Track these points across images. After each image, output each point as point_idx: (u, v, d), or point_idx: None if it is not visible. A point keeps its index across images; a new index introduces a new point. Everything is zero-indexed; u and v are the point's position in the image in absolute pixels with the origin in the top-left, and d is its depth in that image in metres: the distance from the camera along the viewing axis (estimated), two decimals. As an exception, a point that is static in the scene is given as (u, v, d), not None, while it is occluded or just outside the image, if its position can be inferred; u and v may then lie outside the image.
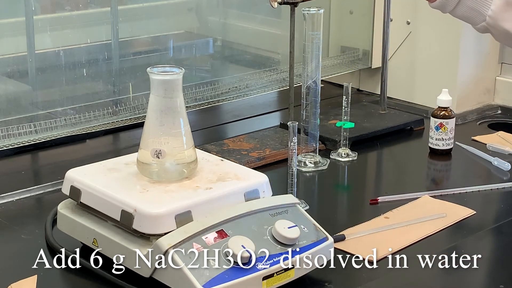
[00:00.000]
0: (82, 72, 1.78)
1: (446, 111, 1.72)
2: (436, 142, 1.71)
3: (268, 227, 1.13)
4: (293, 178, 1.35)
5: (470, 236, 1.35)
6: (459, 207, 1.43)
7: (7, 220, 1.37)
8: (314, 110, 1.61)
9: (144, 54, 1.94)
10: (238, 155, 1.63)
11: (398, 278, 1.20)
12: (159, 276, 1.08)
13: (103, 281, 1.15)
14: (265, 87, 2.02)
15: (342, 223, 1.38)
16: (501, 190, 1.53)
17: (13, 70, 1.71)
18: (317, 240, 1.15)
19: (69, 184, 1.21)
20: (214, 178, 1.20)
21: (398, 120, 1.90)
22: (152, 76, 1.17)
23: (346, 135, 1.68)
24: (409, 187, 1.54)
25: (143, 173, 1.19)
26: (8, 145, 1.59)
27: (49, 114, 1.70)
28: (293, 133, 1.31)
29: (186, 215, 1.10)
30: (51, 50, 1.76)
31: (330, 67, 2.14)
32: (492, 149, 1.74)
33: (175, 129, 1.18)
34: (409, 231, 1.33)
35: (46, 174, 1.60)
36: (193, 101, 1.88)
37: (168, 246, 1.06)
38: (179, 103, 1.18)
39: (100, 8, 1.85)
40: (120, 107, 1.77)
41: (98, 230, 1.16)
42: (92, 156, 1.61)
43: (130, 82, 1.83)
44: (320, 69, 1.58)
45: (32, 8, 1.67)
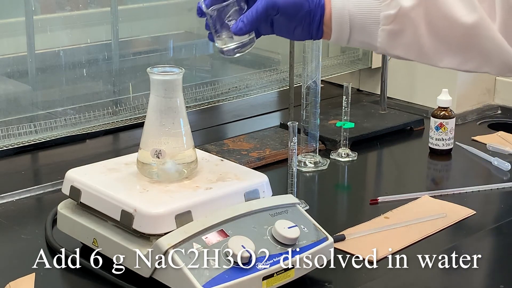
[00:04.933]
0: (82, 72, 1.78)
1: (446, 111, 1.72)
2: (436, 142, 1.71)
3: (268, 227, 1.13)
4: (293, 178, 1.35)
5: (470, 236, 1.35)
6: (459, 207, 1.43)
7: (7, 220, 1.37)
8: (314, 110, 1.60)
9: (144, 54, 1.94)
10: (238, 155, 1.63)
11: (398, 278, 1.20)
12: (159, 276, 1.08)
13: (103, 281, 1.15)
14: (265, 87, 2.02)
15: (342, 223, 1.38)
16: (501, 190, 1.53)
17: (13, 70, 1.70)
18: (317, 240, 1.15)
19: (69, 184, 1.21)
20: (214, 178, 1.20)
21: (398, 120, 1.90)
22: (152, 76, 1.17)
23: (346, 135, 1.68)
24: (409, 187, 1.54)
25: (143, 173, 1.19)
26: (8, 145, 1.59)
27: (49, 114, 1.70)
28: (293, 133, 1.31)
29: (186, 215, 1.10)
30: (51, 50, 1.75)
31: (330, 67, 2.14)
32: (492, 149, 1.74)
33: (175, 129, 1.18)
34: (409, 231, 1.33)
35: (46, 174, 1.60)
36: (193, 101, 1.88)
37: (168, 246, 1.06)
38: (179, 103, 1.18)
39: (100, 8, 1.85)
40: (120, 107, 1.77)
41: (98, 230, 1.16)
42: (92, 156, 1.61)
43: (130, 82, 1.83)
44: (320, 69, 1.58)
45: (32, 8, 1.67)
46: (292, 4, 1.09)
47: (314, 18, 1.10)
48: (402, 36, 1.08)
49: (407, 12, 1.06)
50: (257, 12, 1.10)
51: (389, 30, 1.08)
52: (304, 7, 1.09)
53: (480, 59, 1.08)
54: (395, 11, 1.06)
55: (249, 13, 1.11)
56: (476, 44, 1.06)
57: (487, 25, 1.04)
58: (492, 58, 1.07)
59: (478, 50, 1.07)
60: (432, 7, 1.06)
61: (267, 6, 1.09)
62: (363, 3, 1.08)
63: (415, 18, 1.06)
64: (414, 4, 1.06)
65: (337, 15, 1.09)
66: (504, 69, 1.08)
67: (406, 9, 1.06)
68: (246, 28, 1.11)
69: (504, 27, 1.05)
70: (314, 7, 1.09)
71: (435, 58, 1.10)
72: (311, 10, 1.09)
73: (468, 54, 1.08)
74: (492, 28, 1.05)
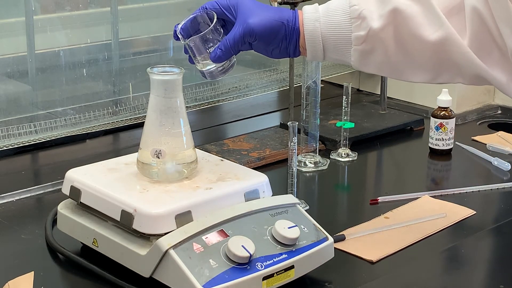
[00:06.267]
0: (82, 72, 1.78)
1: (446, 111, 1.72)
2: (436, 142, 1.71)
3: (268, 227, 1.13)
4: (293, 178, 1.35)
5: (470, 236, 1.35)
6: (459, 207, 1.43)
7: (7, 220, 1.37)
8: (314, 110, 1.60)
9: (144, 54, 1.94)
10: (238, 155, 1.63)
11: (398, 278, 1.20)
12: (159, 276, 1.08)
13: (103, 281, 1.15)
14: (265, 87, 2.02)
15: (342, 223, 1.38)
16: (501, 190, 1.53)
17: (13, 70, 1.71)
18: (317, 240, 1.15)
19: (69, 184, 1.21)
20: (214, 178, 1.20)
21: (398, 120, 1.90)
22: (152, 76, 1.17)
23: (346, 135, 1.68)
24: (409, 187, 1.54)
25: (143, 173, 1.19)
26: (8, 145, 1.59)
27: (49, 114, 1.70)
28: (293, 133, 1.31)
29: (186, 215, 1.10)
30: (51, 50, 1.76)
31: (330, 67, 2.14)
32: (492, 149, 1.74)
33: (175, 129, 1.18)
34: (409, 231, 1.33)
35: (46, 174, 1.60)
36: (193, 101, 1.88)
37: (168, 246, 1.06)
38: (179, 103, 1.18)
39: (100, 8, 1.85)
40: (120, 107, 1.77)
41: (98, 230, 1.16)
42: (92, 156, 1.61)
43: (130, 82, 1.83)
44: (320, 69, 1.58)
45: (32, 8, 1.67)
46: (268, 31, 1.13)
47: (290, 41, 1.15)
48: (374, 55, 1.13)
49: (377, 32, 1.11)
50: (235, 40, 1.13)
51: (361, 49, 1.13)
52: (280, 32, 1.14)
53: (452, 73, 1.13)
54: (365, 32, 1.12)
55: (226, 41, 1.14)
56: (446, 59, 1.10)
57: (455, 40, 1.08)
58: (463, 71, 1.11)
59: (449, 65, 1.11)
60: (400, 27, 1.11)
61: (244, 34, 1.13)
62: (333, 24, 1.13)
63: (385, 38, 1.11)
64: (383, 25, 1.11)
65: (310, 38, 1.14)
66: (475, 80, 1.13)
67: (376, 30, 1.11)
68: (224, 56, 1.15)
69: (474, 41, 1.08)
70: (290, 32, 1.14)
71: (407, 74, 1.15)
72: (287, 35, 1.14)
73: (439, 69, 1.13)
74: (461, 43, 1.08)
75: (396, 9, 1.10)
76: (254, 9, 1.14)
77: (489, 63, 1.09)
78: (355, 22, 1.12)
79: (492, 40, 1.08)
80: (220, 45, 1.14)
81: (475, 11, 1.07)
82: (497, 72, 1.09)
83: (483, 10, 1.06)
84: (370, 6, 1.12)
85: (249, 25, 1.12)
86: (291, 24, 1.14)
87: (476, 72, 1.09)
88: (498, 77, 1.09)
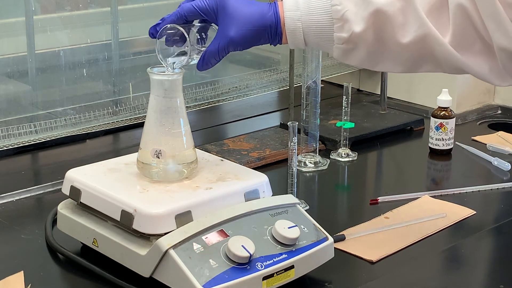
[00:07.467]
0: (82, 72, 1.78)
1: (446, 111, 1.72)
2: (436, 142, 1.71)
3: (268, 227, 1.13)
4: (293, 178, 1.35)
5: (470, 236, 1.35)
6: (459, 207, 1.43)
7: (7, 220, 1.37)
8: (314, 110, 1.60)
9: (144, 54, 1.94)
10: (238, 155, 1.63)
11: (398, 278, 1.20)
12: (159, 276, 1.08)
13: (103, 281, 1.15)
14: (265, 87, 2.02)
15: (342, 223, 1.38)
16: (501, 190, 1.53)
17: (13, 70, 1.70)
18: (317, 240, 1.15)
19: (69, 184, 1.21)
20: (214, 178, 1.20)
21: (398, 120, 1.90)
22: (152, 76, 1.17)
23: (346, 135, 1.68)
24: (409, 187, 1.54)
25: (143, 173, 1.19)
26: (8, 145, 1.59)
27: (49, 114, 1.70)
28: (293, 133, 1.31)
29: (186, 215, 1.10)
30: (51, 50, 1.75)
31: (330, 67, 2.14)
32: (492, 149, 1.74)
33: (175, 129, 1.18)
34: (409, 231, 1.33)
35: (46, 174, 1.60)
36: (193, 101, 1.88)
37: (168, 246, 1.06)
38: (179, 103, 1.18)
39: (100, 8, 1.85)
40: (120, 107, 1.77)
41: (98, 230, 1.16)
42: (92, 156, 1.61)
43: (130, 82, 1.83)
44: (320, 69, 1.58)
45: (32, 8, 1.67)
46: (250, 40, 1.15)
47: (273, 41, 1.17)
48: (356, 52, 1.14)
49: (359, 35, 1.12)
50: (219, 51, 1.15)
51: (343, 48, 1.14)
52: (264, 38, 1.16)
53: (431, 65, 1.14)
54: (348, 35, 1.12)
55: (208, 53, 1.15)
56: (426, 54, 1.11)
57: (435, 37, 1.09)
58: (443, 64, 1.12)
59: (428, 59, 1.12)
60: (381, 29, 1.11)
61: (228, 45, 1.14)
62: (315, 24, 1.14)
63: (367, 39, 1.12)
64: (364, 28, 1.11)
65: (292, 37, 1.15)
66: (455, 71, 1.13)
67: (358, 33, 1.12)
68: (210, 65, 1.16)
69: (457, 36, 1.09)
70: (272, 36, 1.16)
71: (388, 67, 1.16)
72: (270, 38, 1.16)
73: (419, 62, 1.14)
74: (441, 40, 1.09)
75: (378, 11, 1.10)
76: (235, 15, 1.13)
77: (471, 54, 1.09)
78: (337, 23, 1.12)
79: (475, 33, 1.08)
80: (205, 54, 1.15)
81: (460, 7, 1.07)
82: (480, 61, 1.09)
83: (468, 5, 1.06)
84: (351, 6, 1.11)
85: (231, 39, 1.13)
86: (273, 29, 1.15)
87: (457, 65, 1.11)
88: (479, 67, 1.10)
